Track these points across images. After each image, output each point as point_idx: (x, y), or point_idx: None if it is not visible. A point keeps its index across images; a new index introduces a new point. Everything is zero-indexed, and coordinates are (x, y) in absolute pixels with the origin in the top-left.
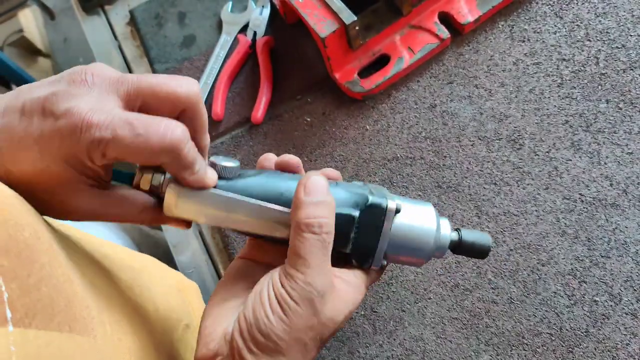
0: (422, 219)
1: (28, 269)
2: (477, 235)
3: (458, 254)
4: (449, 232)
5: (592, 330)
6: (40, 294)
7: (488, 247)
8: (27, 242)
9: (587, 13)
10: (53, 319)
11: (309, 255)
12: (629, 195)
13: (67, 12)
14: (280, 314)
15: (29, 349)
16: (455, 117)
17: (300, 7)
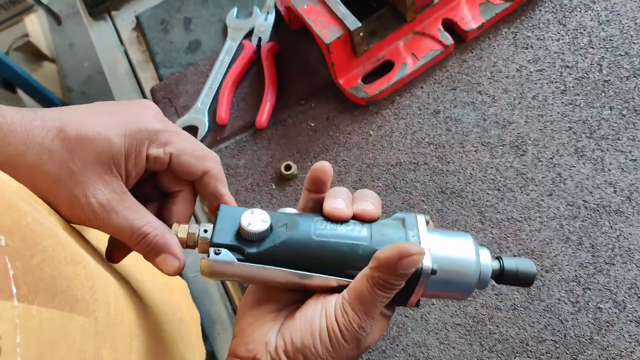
0: (461, 252)
1: (31, 250)
2: (519, 263)
3: (502, 284)
4: (489, 262)
5: (596, 338)
6: (43, 273)
7: (533, 275)
8: (30, 226)
9: (590, 20)
10: (55, 298)
11: (374, 308)
12: (632, 202)
13: (74, 18)
14: (328, 346)
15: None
16: (459, 123)
17: (305, 13)
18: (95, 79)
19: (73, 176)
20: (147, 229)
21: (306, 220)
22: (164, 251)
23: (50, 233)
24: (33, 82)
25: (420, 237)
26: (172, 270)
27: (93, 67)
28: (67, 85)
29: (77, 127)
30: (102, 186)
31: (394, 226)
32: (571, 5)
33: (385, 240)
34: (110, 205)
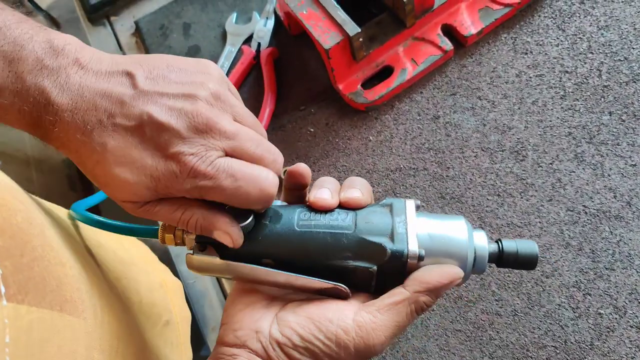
0: (452, 233)
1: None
2: (520, 244)
3: (503, 267)
4: (485, 243)
5: (597, 343)
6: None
7: (535, 256)
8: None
9: (590, 26)
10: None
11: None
12: (632, 207)
13: (73, 23)
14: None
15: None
16: (459, 128)
17: (305, 18)
18: None
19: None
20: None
21: (289, 212)
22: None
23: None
24: None
25: (407, 222)
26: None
27: None
28: None
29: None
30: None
31: (381, 213)
32: (570, 10)
33: (370, 228)
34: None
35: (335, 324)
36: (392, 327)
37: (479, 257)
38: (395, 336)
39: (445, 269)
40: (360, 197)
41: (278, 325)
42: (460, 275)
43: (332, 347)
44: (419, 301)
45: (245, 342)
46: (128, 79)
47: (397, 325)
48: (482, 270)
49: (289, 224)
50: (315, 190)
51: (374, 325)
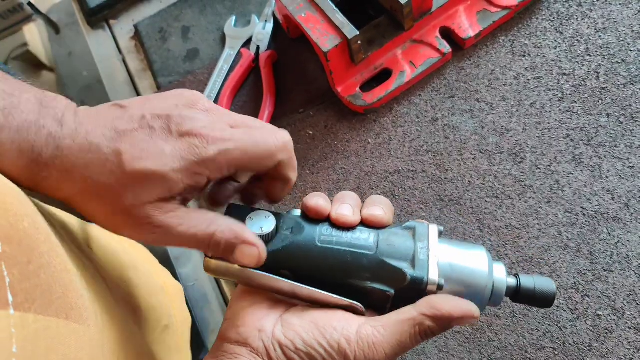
0: (473, 265)
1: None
2: (538, 281)
3: (517, 302)
4: (504, 277)
5: (595, 345)
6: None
7: (552, 294)
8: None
9: (587, 28)
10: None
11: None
12: (630, 209)
13: (72, 27)
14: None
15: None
16: (457, 130)
17: (303, 21)
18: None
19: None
20: (211, 229)
21: (312, 225)
22: (238, 242)
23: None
24: None
25: (429, 249)
26: (254, 260)
27: (92, 76)
28: (66, 94)
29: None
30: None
31: (403, 236)
32: (568, 13)
33: (392, 251)
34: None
35: (339, 333)
36: (394, 345)
37: (497, 291)
38: (396, 355)
39: (463, 304)
40: (383, 215)
41: (282, 327)
42: (476, 316)
43: (334, 355)
44: (424, 324)
45: (247, 339)
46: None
47: (399, 344)
48: (498, 303)
49: (311, 237)
50: (337, 206)
51: (375, 340)
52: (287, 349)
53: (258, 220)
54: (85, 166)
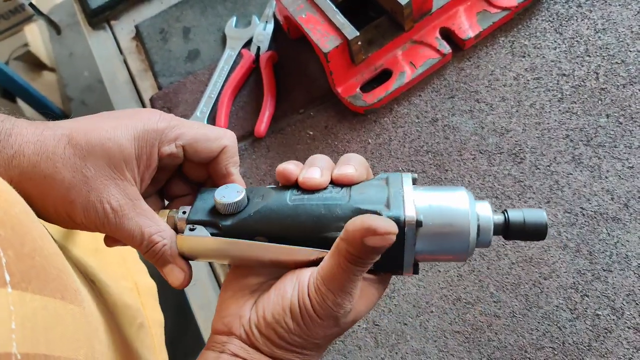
0: (453, 203)
1: (21, 239)
2: (527, 213)
3: (510, 239)
4: (490, 214)
5: (594, 345)
6: (34, 262)
7: (544, 225)
8: (19, 217)
9: (587, 29)
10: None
11: (348, 283)
12: (630, 209)
13: (73, 27)
14: (301, 323)
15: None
16: (457, 131)
17: (304, 22)
18: (95, 88)
19: (87, 182)
20: (156, 238)
21: (281, 191)
22: (171, 262)
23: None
24: (33, 91)
25: (404, 191)
26: (177, 282)
27: (93, 77)
28: (67, 94)
29: (86, 133)
30: (115, 191)
31: (377, 185)
32: (567, 14)
33: (364, 198)
34: (123, 211)
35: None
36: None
37: (483, 228)
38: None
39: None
40: (353, 173)
41: (255, 308)
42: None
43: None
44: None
45: (231, 328)
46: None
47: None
48: (487, 242)
49: (281, 199)
50: (305, 170)
51: (317, 282)
52: (261, 328)
53: (228, 192)
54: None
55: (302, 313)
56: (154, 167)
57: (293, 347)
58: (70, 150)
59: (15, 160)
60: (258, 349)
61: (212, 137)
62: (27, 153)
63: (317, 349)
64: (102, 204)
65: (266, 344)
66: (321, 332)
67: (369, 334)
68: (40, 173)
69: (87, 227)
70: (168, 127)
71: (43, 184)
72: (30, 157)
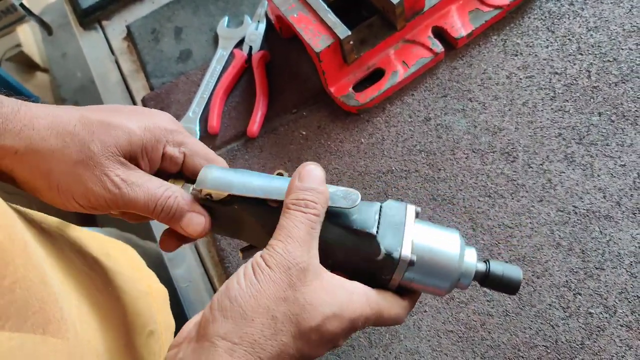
0: (445, 247)
1: (2, 271)
2: (506, 268)
3: (485, 287)
4: (474, 261)
5: (587, 343)
6: (14, 296)
7: (518, 281)
8: (2, 245)
9: (579, 27)
10: (27, 321)
11: (292, 228)
12: (622, 207)
13: (65, 28)
14: (251, 277)
15: (2, 349)
16: (450, 130)
17: (296, 22)
18: (88, 89)
19: (93, 157)
20: (167, 193)
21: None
22: (188, 210)
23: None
24: (26, 92)
25: (406, 225)
26: (199, 228)
27: (86, 77)
28: (60, 95)
29: (98, 115)
30: (120, 167)
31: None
32: (560, 12)
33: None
34: (131, 179)
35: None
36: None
37: (466, 273)
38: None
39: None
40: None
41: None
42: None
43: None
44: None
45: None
46: None
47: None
48: (466, 286)
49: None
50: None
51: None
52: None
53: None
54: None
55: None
56: (157, 163)
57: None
58: (80, 127)
59: (23, 133)
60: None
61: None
62: (37, 127)
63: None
64: (110, 177)
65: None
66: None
67: (362, 334)
68: (48, 147)
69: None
70: (177, 130)
71: (50, 158)
72: (41, 131)
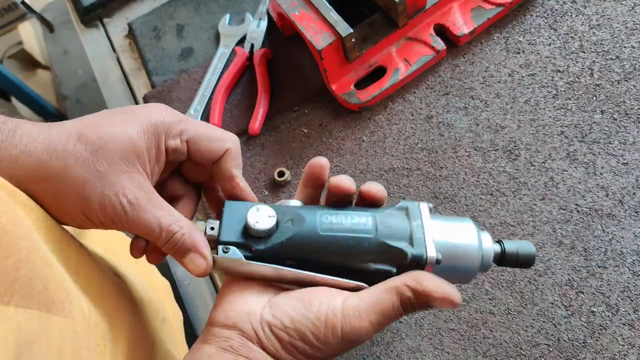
0: (464, 238)
1: (6, 251)
2: (519, 245)
3: (503, 266)
4: (491, 245)
5: (589, 341)
6: (18, 274)
7: (532, 256)
8: (5, 228)
9: (581, 25)
10: (32, 299)
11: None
12: (624, 205)
13: (66, 25)
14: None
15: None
16: (452, 128)
17: (297, 19)
18: (90, 86)
19: (101, 177)
20: (174, 228)
21: (311, 214)
22: (191, 250)
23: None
24: (27, 90)
25: (424, 226)
26: (199, 270)
27: (87, 75)
28: (62, 92)
29: (95, 129)
30: (130, 184)
31: (398, 216)
32: (562, 10)
33: (390, 232)
34: (139, 204)
35: (325, 305)
36: (377, 313)
37: (486, 259)
38: (380, 325)
39: (445, 286)
40: (379, 189)
41: (270, 309)
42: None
43: (321, 328)
44: (404, 294)
45: (236, 323)
46: None
47: (383, 312)
48: (487, 269)
49: (312, 227)
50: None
51: (359, 308)
52: (276, 328)
53: (260, 217)
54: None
55: (328, 331)
56: (163, 161)
57: (301, 356)
58: (81, 146)
59: (21, 160)
60: (263, 346)
61: (214, 138)
62: (34, 152)
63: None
64: (119, 197)
65: (275, 346)
66: (334, 351)
67: None
68: (52, 172)
69: (104, 224)
70: (175, 120)
71: (56, 182)
72: (40, 157)
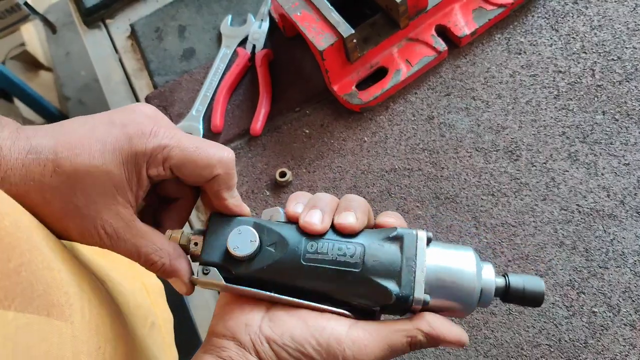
0: (461, 270)
1: (8, 254)
2: (527, 280)
3: (507, 302)
4: (492, 277)
5: (591, 342)
6: (19, 277)
7: (541, 293)
8: (7, 230)
9: (583, 26)
10: (32, 303)
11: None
12: (626, 206)
13: (69, 27)
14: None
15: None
16: (453, 128)
17: (299, 20)
18: (92, 87)
19: (79, 211)
20: (153, 258)
21: (297, 240)
22: (173, 276)
23: (27, 237)
24: (30, 91)
25: (417, 262)
26: (181, 292)
27: (90, 76)
28: (64, 93)
29: (72, 160)
30: (108, 217)
31: (390, 249)
32: (563, 10)
33: (378, 268)
34: (118, 235)
35: (328, 332)
36: (384, 350)
37: (485, 292)
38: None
39: (457, 330)
40: (354, 223)
41: (270, 322)
42: (466, 344)
43: (322, 354)
44: (417, 338)
45: (235, 333)
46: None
47: (390, 350)
48: (487, 304)
49: (295, 255)
50: (305, 213)
51: (367, 342)
52: (275, 344)
53: (241, 241)
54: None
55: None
56: (146, 186)
57: None
58: (57, 178)
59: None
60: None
61: (201, 165)
62: (14, 181)
63: None
64: (97, 229)
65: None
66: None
67: None
68: (30, 203)
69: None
70: (158, 147)
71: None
72: (19, 186)
